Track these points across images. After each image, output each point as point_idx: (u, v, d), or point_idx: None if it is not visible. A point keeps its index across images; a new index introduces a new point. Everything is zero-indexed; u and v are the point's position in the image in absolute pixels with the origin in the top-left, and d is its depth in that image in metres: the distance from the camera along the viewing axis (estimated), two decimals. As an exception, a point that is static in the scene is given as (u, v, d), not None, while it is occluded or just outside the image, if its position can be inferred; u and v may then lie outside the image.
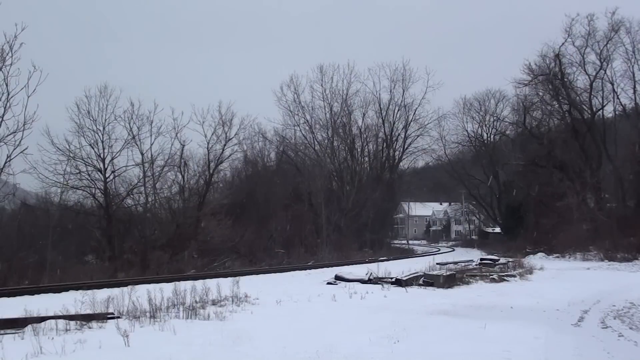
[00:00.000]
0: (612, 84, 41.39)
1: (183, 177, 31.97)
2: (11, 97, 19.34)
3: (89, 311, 9.74)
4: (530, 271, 22.40)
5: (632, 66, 40.23)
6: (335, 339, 8.11)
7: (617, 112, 43.38)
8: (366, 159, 55.17)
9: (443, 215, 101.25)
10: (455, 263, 25.47)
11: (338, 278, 17.80)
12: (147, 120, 28.91)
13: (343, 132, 52.17)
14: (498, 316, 11.06)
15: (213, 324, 9.43)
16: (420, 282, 16.87)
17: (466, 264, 25.32)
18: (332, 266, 25.96)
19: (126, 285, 13.76)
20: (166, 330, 8.59)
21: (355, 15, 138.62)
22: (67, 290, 14.61)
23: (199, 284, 13.52)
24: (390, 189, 54.28)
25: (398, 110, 54.81)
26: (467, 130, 59.80)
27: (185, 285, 12.42)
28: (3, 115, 19.34)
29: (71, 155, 26.69)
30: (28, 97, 19.06)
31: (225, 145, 33.64)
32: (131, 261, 24.89)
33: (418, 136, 56.28)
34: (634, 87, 40.45)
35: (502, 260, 26.10)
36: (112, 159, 27.92)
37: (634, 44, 39.70)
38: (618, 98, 41.99)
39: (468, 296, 14.61)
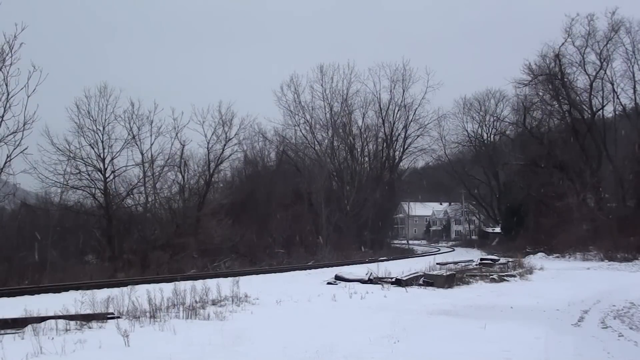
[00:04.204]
0: (612, 84, 41.50)
1: (183, 177, 31.99)
2: (11, 97, 19.33)
3: (89, 311, 9.74)
4: (530, 271, 22.41)
5: (632, 66, 40.35)
6: (335, 339, 8.11)
7: (617, 112, 43.50)
8: (366, 159, 55.14)
9: (443, 215, 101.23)
10: (455, 263, 25.49)
11: (338, 278, 17.80)
12: (147, 120, 28.92)
13: (343, 132, 52.13)
14: (498, 316, 11.07)
15: (213, 324, 9.43)
16: (420, 282, 16.87)
17: (466, 264, 25.33)
18: (332, 266, 25.94)
19: (126, 285, 13.75)
20: (166, 330, 8.60)
21: (356, 15, 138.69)
22: (67, 290, 14.59)
23: (199, 284, 13.51)
24: (390, 189, 54.25)
25: (398, 110, 54.80)
26: (467, 130, 59.97)
27: (185, 285, 12.41)
28: (3, 115, 19.33)
29: (71, 155, 26.67)
30: (28, 97, 19.05)
31: (225, 145, 33.69)
32: (131, 261, 24.86)
33: (418, 136, 56.26)
34: (634, 87, 40.57)
35: (502, 260, 26.12)
36: (112, 159, 27.92)
37: (634, 44, 39.80)
38: (618, 98, 42.11)
39: (468, 296, 14.61)
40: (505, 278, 19.25)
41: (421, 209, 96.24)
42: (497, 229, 62.55)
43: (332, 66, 51.63)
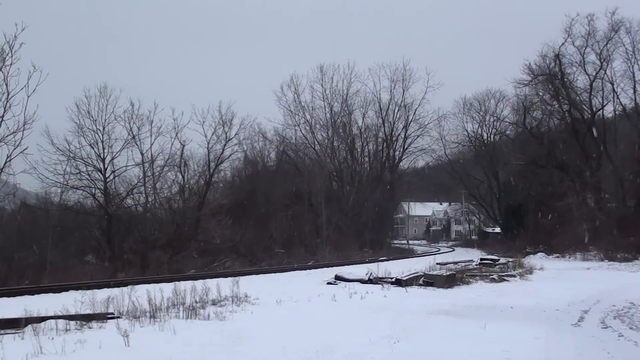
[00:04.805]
0: (612, 84, 41.44)
1: (183, 177, 31.99)
2: (11, 97, 19.35)
3: (89, 311, 9.73)
4: (530, 271, 22.42)
5: (632, 66, 40.29)
6: (335, 339, 8.11)
7: (617, 112, 43.44)
8: (366, 159, 55.19)
9: (443, 215, 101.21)
10: (455, 263, 25.49)
11: (338, 278, 17.80)
12: (147, 120, 28.90)
13: (343, 132, 52.18)
14: (498, 316, 11.06)
15: (213, 324, 9.43)
16: (420, 282, 16.87)
17: (466, 264, 25.33)
18: (332, 266, 25.94)
19: (126, 285, 13.75)
20: (166, 330, 8.60)
21: (356, 15, 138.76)
22: (67, 290, 14.60)
23: (199, 284, 13.52)
24: (390, 189, 54.28)
25: (398, 110, 54.84)
26: (467, 130, 59.76)
27: (185, 285, 12.41)
28: (3, 115, 19.35)
29: (71, 155, 26.71)
30: (28, 97, 19.06)
31: (225, 145, 33.71)
32: (131, 261, 24.88)
33: (418, 136, 56.30)
34: (634, 87, 40.50)
35: (502, 260, 26.12)
36: (112, 159, 27.96)
37: (634, 44, 39.74)
38: (618, 98, 42.06)
39: (468, 296, 14.61)
40: (505, 278, 19.25)
41: (421, 209, 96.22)
42: (497, 229, 62.60)
43: (332, 66, 51.79)
